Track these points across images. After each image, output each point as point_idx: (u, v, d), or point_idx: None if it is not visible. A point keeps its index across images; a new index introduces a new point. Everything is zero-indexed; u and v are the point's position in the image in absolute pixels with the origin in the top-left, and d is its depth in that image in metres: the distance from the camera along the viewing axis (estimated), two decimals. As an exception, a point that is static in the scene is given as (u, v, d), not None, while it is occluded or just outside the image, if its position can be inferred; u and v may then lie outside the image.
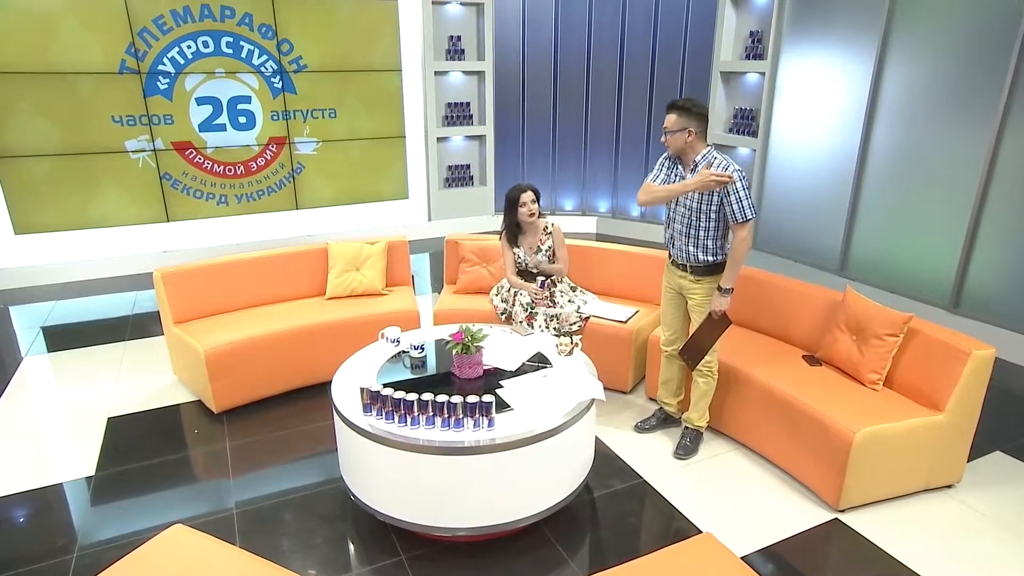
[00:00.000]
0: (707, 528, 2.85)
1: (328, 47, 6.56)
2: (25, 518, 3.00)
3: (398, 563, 2.65)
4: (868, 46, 5.14)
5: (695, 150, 3.04)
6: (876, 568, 2.66)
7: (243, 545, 2.77)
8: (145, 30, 5.84)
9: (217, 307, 4.07)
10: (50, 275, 6.02)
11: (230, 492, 3.14)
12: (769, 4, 5.92)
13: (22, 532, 2.91)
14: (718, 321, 3.14)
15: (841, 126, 5.46)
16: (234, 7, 6.09)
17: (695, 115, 3.00)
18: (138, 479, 3.26)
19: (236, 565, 2.04)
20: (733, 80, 6.51)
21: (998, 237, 4.53)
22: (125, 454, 3.44)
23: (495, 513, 2.62)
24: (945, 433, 2.94)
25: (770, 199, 6.24)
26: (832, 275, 5.63)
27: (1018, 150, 4.34)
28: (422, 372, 3.09)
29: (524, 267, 4.00)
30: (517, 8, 7.23)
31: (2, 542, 2.84)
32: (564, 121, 7.62)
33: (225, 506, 3.04)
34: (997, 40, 4.35)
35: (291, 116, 6.60)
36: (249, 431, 3.63)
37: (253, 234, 6.71)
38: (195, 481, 3.26)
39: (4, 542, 2.84)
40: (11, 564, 2.70)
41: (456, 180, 7.63)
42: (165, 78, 6.02)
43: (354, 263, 4.32)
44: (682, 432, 3.45)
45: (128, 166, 6.09)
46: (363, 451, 2.63)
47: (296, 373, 3.92)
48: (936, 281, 4.90)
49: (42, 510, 3.04)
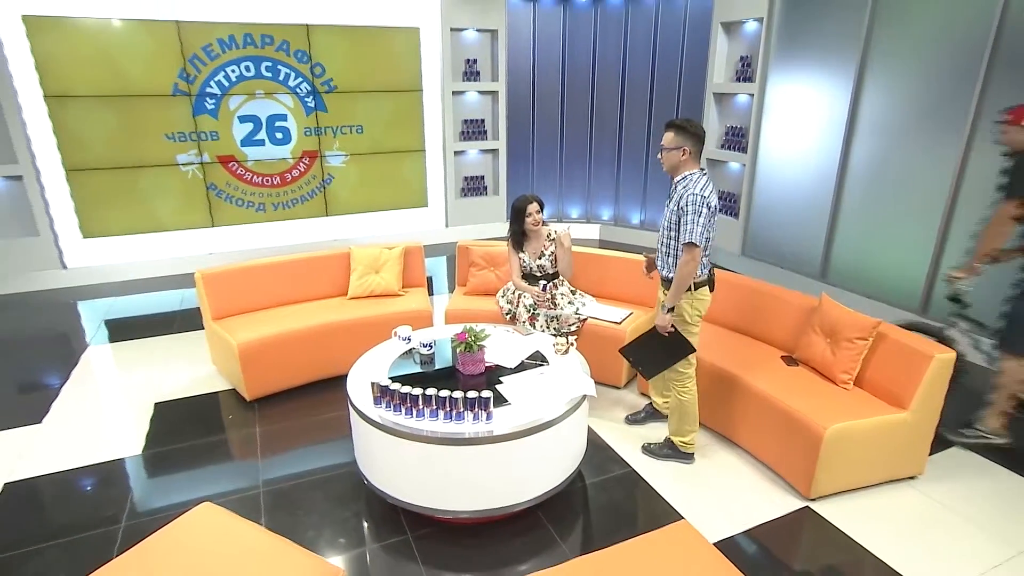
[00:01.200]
0: (689, 514, 2.83)
1: (356, 70, 6.57)
2: (82, 490, 3.07)
3: (405, 541, 2.67)
4: (847, 71, 5.06)
5: (686, 168, 2.89)
6: (841, 552, 2.64)
7: (268, 520, 2.80)
8: (195, 56, 5.90)
9: (251, 305, 4.10)
10: (111, 274, 6.12)
11: (259, 472, 3.17)
12: (757, 31, 5.84)
13: (79, 502, 2.98)
14: (674, 342, 2.97)
15: (822, 143, 5.38)
16: (273, 35, 6.13)
17: (691, 135, 2.84)
18: (180, 458, 3.31)
19: (255, 541, 2.06)
20: (725, 100, 6.44)
21: (964, 246, 4.43)
22: (169, 436, 3.49)
23: (493, 498, 2.63)
24: (909, 429, 2.90)
25: (758, 210, 6.16)
26: (814, 280, 5.55)
27: (983, 166, 4.25)
28: (430, 367, 3.09)
29: (528, 271, 3.99)
30: (528, 34, 7.21)
31: (62, 510, 2.92)
32: (570, 136, 7.58)
33: (254, 484, 3.07)
34: (965, 66, 4.27)
35: (322, 132, 6.63)
36: (277, 417, 3.66)
37: (287, 238, 6.75)
38: (229, 461, 3.30)
39: (64, 510, 2.92)
40: (69, 530, 2.78)
41: (471, 190, 7.63)
42: (212, 99, 6.07)
43: (373, 266, 4.32)
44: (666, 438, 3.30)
45: (179, 177, 6.16)
46: (374, 440, 2.65)
47: (320, 365, 3.94)
48: (907, 287, 4.81)
49: (96, 483, 3.11)
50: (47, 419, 3.65)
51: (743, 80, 6.09)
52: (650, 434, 3.46)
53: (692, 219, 2.75)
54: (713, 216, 2.83)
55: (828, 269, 5.48)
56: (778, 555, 2.65)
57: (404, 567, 2.54)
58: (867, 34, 4.86)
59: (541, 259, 3.94)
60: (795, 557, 2.67)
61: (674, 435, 3.21)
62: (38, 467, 3.21)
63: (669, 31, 6.75)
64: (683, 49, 6.68)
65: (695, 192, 2.77)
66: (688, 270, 2.81)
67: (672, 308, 2.91)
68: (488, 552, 2.62)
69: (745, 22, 6.00)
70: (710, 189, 2.81)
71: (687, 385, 3.08)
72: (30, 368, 4.40)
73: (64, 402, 3.84)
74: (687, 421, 3.15)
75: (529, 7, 7.08)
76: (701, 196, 2.76)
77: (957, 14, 4.30)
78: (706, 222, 2.77)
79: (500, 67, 7.11)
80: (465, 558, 2.59)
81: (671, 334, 2.96)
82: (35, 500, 2.99)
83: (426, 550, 2.62)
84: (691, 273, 2.83)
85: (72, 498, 3.01)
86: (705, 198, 2.76)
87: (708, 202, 2.77)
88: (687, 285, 2.87)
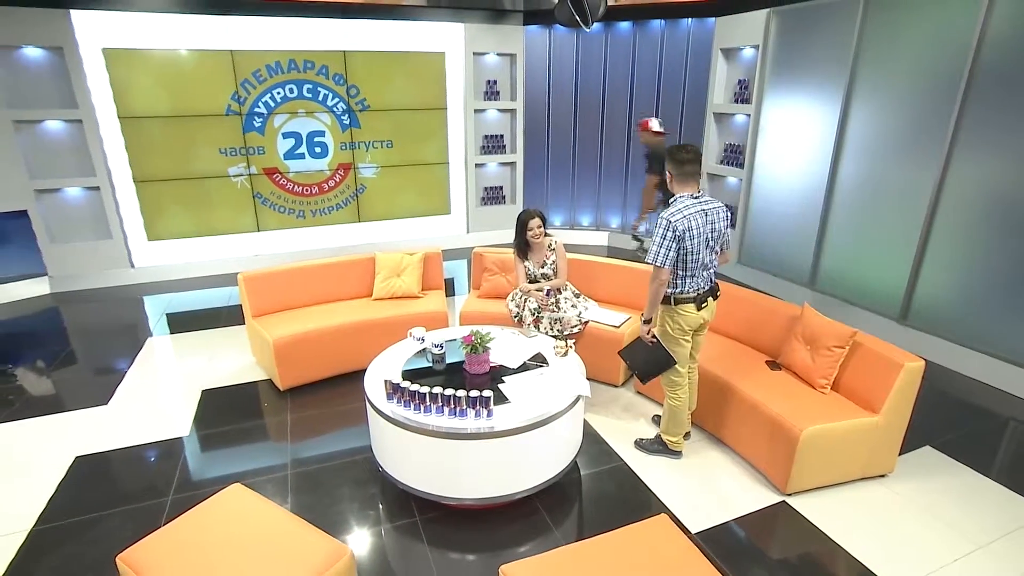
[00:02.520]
0: (674, 506, 2.80)
1: (387, 90, 6.60)
2: (138, 465, 3.16)
3: (413, 523, 2.69)
4: (835, 94, 4.92)
5: (676, 191, 2.80)
6: (810, 543, 2.59)
7: (294, 499, 2.85)
8: (246, 80, 5.99)
9: (286, 304, 4.15)
10: (172, 272, 6.25)
11: (288, 454, 3.22)
12: (754, 57, 5.71)
13: (135, 476, 3.08)
14: (657, 353, 2.91)
15: (812, 160, 5.24)
16: (314, 60, 6.19)
17: (671, 159, 2.76)
18: (221, 440, 3.38)
19: (275, 521, 2.10)
20: (724, 120, 6.31)
21: (942, 259, 4.29)
22: (213, 420, 3.56)
23: (493, 487, 2.63)
24: (879, 432, 2.82)
25: (753, 221, 6.04)
26: (803, 288, 5.42)
27: (960, 184, 4.10)
28: (441, 366, 3.09)
29: (533, 278, 3.98)
30: (543, 58, 7.16)
31: (121, 482, 3.02)
32: (582, 150, 7.51)
33: (284, 465, 3.12)
34: (944, 90, 4.12)
35: (356, 146, 6.67)
36: (307, 406, 3.71)
37: (324, 242, 6.81)
38: (264, 444, 3.35)
39: (122, 482, 3.02)
40: (125, 500, 2.87)
41: (491, 199, 7.62)
42: (259, 118, 6.16)
43: (396, 270, 4.34)
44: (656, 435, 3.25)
45: (230, 187, 6.27)
46: (386, 432, 2.66)
47: (346, 359, 3.96)
48: (888, 296, 4.67)
49: (150, 460, 3.20)
50: (112, 401, 3.76)
51: (741, 101, 5.96)
52: (644, 431, 3.43)
53: (656, 241, 2.70)
54: (686, 240, 2.68)
55: (816, 277, 5.35)
56: (753, 545, 2.60)
57: (411, 547, 2.57)
58: (854, 61, 4.72)
59: (544, 268, 3.93)
60: (768, 547, 2.62)
61: (664, 433, 3.17)
62: (103, 444, 3.31)
63: (673, 55, 6.64)
64: (686, 72, 6.57)
65: (663, 215, 2.70)
66: (652, 288, 2.76)
67: (648, 320, 2.86)
68: (488, 536, 2.63)
69: (743, 48, 5.87)
70: (684, 214, 2.68)
71: (677, 392, 3.03)
72: (101, 355, 4.54)
73: (127, 386, 3.95)
74: (675, 423, 3.10)
75: (545, 33, 7.03)
76: (667, 220, 2.67)
77: (937, 44, 4.16)
78: (670, 244, 2.67)
79: (518, 87, 7.08)
80: (466, 541, 2.60)
81: (653, 345, 2.91)
82: (100, 473, 3.09)
83: (432, 532, 2.63)
84: (656, 291, 2.76)
85: (129, 472, 3.10)
86: (671, 223, 2.66)
87: (673, 226, 2.66)
88: (656, 301, 2.81)
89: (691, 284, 2.82)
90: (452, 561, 2.49)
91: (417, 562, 2.48)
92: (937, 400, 3.79)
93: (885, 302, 4.71)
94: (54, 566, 2.47)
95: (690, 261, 2.75)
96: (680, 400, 3.04)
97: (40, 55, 5.39)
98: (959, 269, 4.19)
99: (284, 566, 1.91)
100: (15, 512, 2.77)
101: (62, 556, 2.52)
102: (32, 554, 2.53)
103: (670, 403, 3.06)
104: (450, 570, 2.45)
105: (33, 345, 4.67)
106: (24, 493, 2.90)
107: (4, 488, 2.95)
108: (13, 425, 3.50)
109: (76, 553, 2.53)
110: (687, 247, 2.71)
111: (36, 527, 2.68)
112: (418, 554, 2.52)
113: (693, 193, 2.78)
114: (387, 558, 2.52)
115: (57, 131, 5.62)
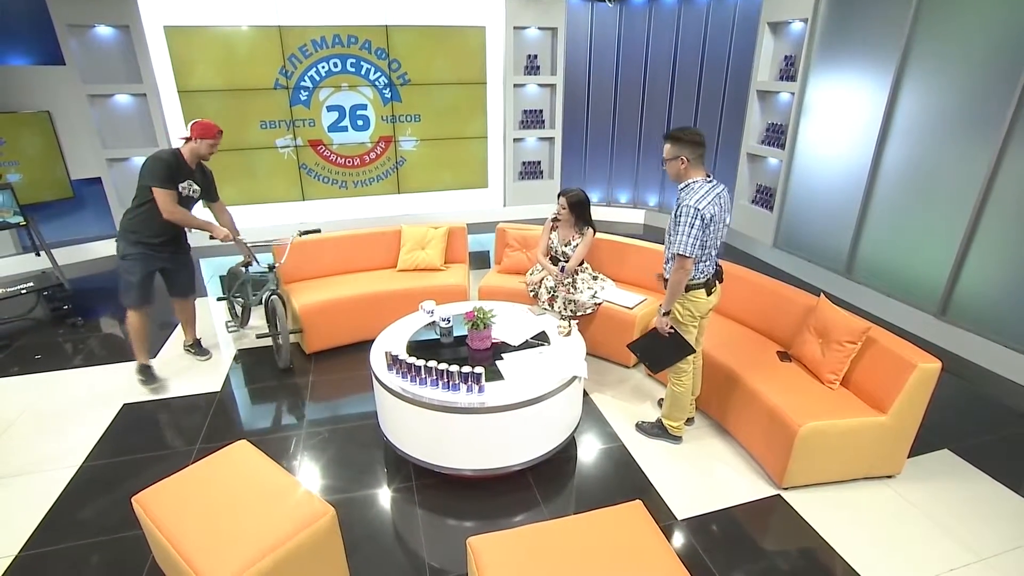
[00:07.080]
0: (664, 491, 2.75)
1: (428, 64, 6.55)
2: (175, 415, 3.38)
3: (410, 487, 2.76)
4: (886, 72, 4.50)
5: (688, 176, 2.63)
6: (800, 540, 2.48)
7: (304, 456, 2.98)
8: (293, 56, 6.09)
9: (316, 272, 4.26)
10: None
11: (304, 414, 3.36)
12: (802, 31, 5.29)
13: (172, 425, 3.30)
14: (674, 343, 2.79)
15: (857, 142, 4.85)
16: (357, 35, 6.20)
17: (687, 143, 2.56)
18: (247, 397, 3.56)
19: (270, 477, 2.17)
20: (768, 98, 5.92)
21: (989, 253, 3.92)
22: (243, 378, 3.75)
23: (484, 459, 2.66)
24: (886, 432, 2.65)
25: (791, 205, 5.70)
26: (838, 276, 5.10)
27: (1015, 174, 3.70)
28: (448, 339, 3.11)
29: (554, 252, 3.92)
30: (585, 32, 6.89)
31: (155, 430, 3.25)
32: (621, 127, 7.26)
33: (298, 424, 3.26)
34: (1004, 72, 3.69)
35: (397, 120, 6.69)
36: (328, 370, 3.83)
37: (364, 212, 6.92)
38: (285, 402, 3.50)
39: (160, 429, 3.25)
40: (160, 445, 3.09)
41: (528, 174, 7.51)
42: (305, 91, 6.26)
43: (420, 243, 4.37)
44: (658, 418, 3.18)
45: (277, 159, 6.45)
46: (387, 401, 2.73)
47: (367, 327, 3.92)
48: (928, 288, 4.33)
49: (185, 412, 3.41)
50: (160, 355, 4.02)
51: (786, 79, 5.56)
52: (649, 413, 3.36)
53: (683, 230, 2.53)
54: (711, 226, 2.57)
55: (853, 266, 5.02)
56: (737, 535, 2.52)
57: (404, 509, 2.64)
58: (908, 37, 4.28)
59: (567, 247, 3.86)
60: (753, 538, 2.52)
61: (665, 418, 3.10)
62: (147, 394, 3.56)
63: (718, 30, 6.25)
64: (731, 47, 6.18)
65: (689, 203, 2.53)
66: (677, 278, 2.62)
67: (668, 312, 2.76)
68: (477, 503, 2.67)
69: (791, 22, 5.44)
70: (708, 199, 2.54)
71: (682, 378, 2.95)
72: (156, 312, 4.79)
73: (173, 342, 4.21)
74: (677, 409, 3.03)
75: (588, 6, 6.75)
76: (695, 208, 2.51)
77: (999, 22, 3.71)
78: (698, 233, 2.52)
79: (559, 62, 6.87)
80: (456, 508, 2.65)
81: (671, 335, 2.81)
82: (143, 420, 3.33)
83: (426, 496, 2.70)
84: (680, 281, 2.63)
85: (167, 421, 3.32)
86: (699, 210, 2.51)
87: (702, 214, 2.51)
88: (679, 292, 2.69)
89: (702, 269, 2.72)
90: (439, 525, 2.55)
91: (407, 522, 2.56)
92: (968, 401, 3.52)
93: (924, 295, 4.37)
94: (94, 498, 2.71)
95: (708, 247, 2.66)
96: (684, 386, 2.96)
97: (110, 33, 5.66)
98: (1007, 265, 3.82)
99: (271, 520, 2.00)
100: (70, 447, 3.06)
101: (101, 489, 2.76)
102: (80, 486, 2.79)
103: (674, 388, 2.98)
104: (436, 532, 2.51)
105: (103, 300, 5.03)
106: (79, 433, 3.18)
107: (63, 427, 3.24)
108: (76, 371, 3.82)
109: (111, 489, 2.75)
110: (709, 233, 2.60)
111: (85, 463, 2.94)
112: (409, 515, 2.60)
113: (706, 177, 2.64)
114: (379, 517, 2.60)
115: (125, 104, 5.93)
